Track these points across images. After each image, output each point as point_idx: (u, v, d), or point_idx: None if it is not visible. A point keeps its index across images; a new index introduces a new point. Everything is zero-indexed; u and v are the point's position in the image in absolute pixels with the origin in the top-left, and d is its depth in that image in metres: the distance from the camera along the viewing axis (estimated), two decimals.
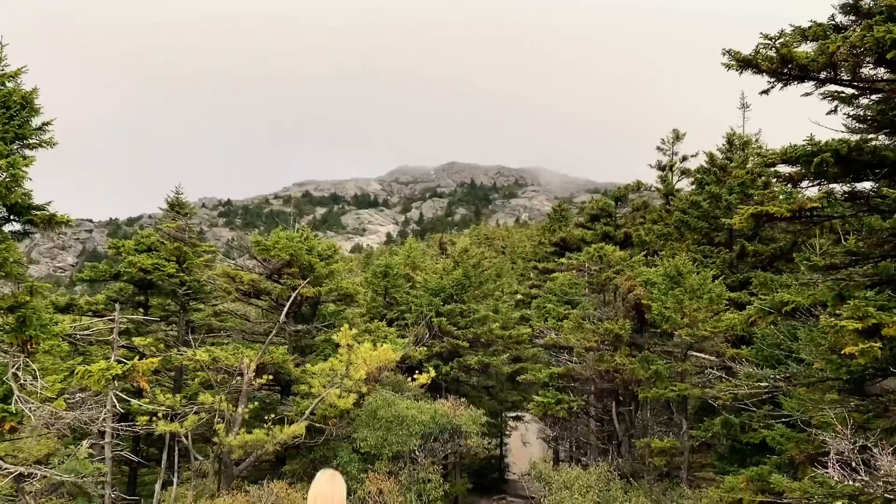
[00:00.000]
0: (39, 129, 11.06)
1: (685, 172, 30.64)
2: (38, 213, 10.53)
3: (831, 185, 9.25)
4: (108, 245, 20.10)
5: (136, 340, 14.77)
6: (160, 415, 12.86)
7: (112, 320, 13.94)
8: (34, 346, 10.08)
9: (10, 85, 10.39)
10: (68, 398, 10.64)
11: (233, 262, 20.82)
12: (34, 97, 10.68)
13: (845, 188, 9.35)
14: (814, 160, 8.35)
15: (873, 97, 9.23)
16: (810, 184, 9.38)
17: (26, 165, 10.21)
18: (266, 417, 13.73)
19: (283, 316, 16.02)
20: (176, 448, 14.59)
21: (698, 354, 15.76)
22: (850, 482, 6.59)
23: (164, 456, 14.14)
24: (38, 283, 11.17)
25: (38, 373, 9.86)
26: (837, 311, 8.08)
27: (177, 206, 20.14)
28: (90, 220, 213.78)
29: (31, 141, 10.85)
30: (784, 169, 9.53)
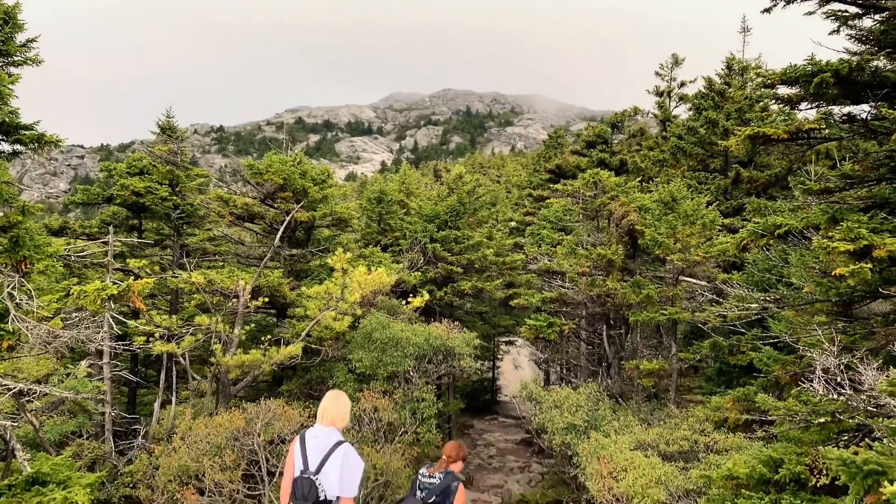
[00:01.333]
0: (24, 45, 10.73)
1: (683, 98, 30.27)
2: (26, 132, 10.33)
3: (830, 108, 9.13)
4: (99, 169, 19.86)
5: (131, 262, 14.78)
6: (157, 335, 13.00)
7: (106, 243, 13.90)
8: (28, 266, 10.09)
9: None
10: (65, 318, 10.73)
11: (226, 186, 20.64)
12: (17, 12, 10.34)
13: (844, 111, 9.25)
14: (813, 80, 8.22)
15: (877, 17, 9.02)
16: (809, 106, 9.26)
17: (12, 83, 9.96)
18: (262, 339, 13.89)
19: (277, 240, 16.01)
20: (174, 369, 14.82)
21: (689, 280, 15.92)
22: (835, 396, 6.75)
23: (162, 376, 14.36)
24: (31, 204, 11.10)
25: (33, 293, 9.91)
26: (830, 234, 8.11)
27: (168, 130, 19.82)
28: (81, 146, 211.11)
29: (15, 58, 10.53)
30: (783, 91, 9.39)
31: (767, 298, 10.76)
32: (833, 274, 8.13)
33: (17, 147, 10.76)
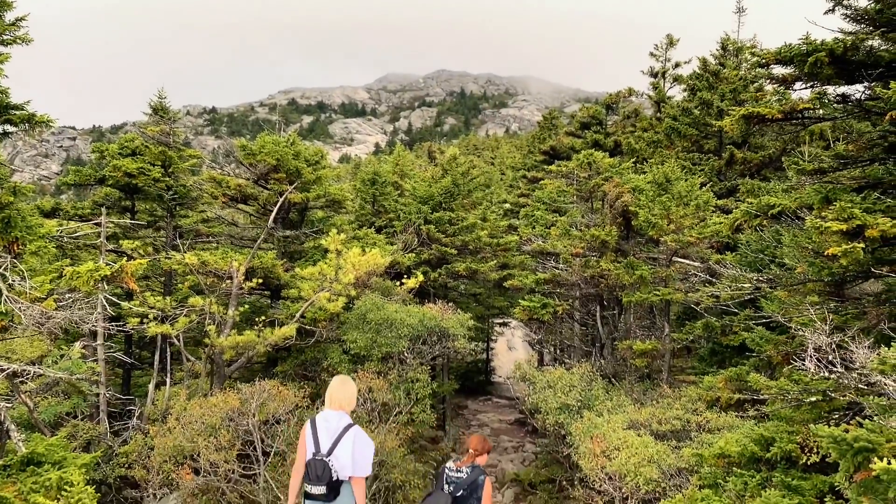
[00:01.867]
0: (13, 24, 10.60)
1: (677, 79, 30.19)
2: (16, 112, 10.23)
3: (824, 88, 9.12)
4: (91, 150, 19.72)
5: (124, 244, 14.72)
6: (151, 317, 12.99)
7: (98, 224, 13.84)
8: (20, 247, 10.04)
9: None
10: (58, 299, 10.69)
11: (219, 168, 20.55)
12: None
13: (838, 91, 9.24)
14: (808, 60, 8.20)
15: None
16: (803, 86, 9.24)
17: (1, 62, 9.86)
18: (257, 320, 13.89)
19: (270, 221, 15.97)
20: (168, 350, 14.82)
21: (683, 261, 15.95)
22: (826, 374, 6.80)
23: (157, 358, 14.36)
24: (22, 185, 11.03)
25: (26, 274, 9.87)
26: (823, 214, 8.13)
27: (160, 111, 19.66)
28: (73, 128, 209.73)
29: (4, 37, 10.41)
30: (778, 70, 9.36)
31: (760, 278, 10.81)
32: (826, 254, 8.16)
33: (8, 127, 10.66)
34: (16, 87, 10.03)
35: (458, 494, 6.50)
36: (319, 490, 5.40)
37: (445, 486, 6.67)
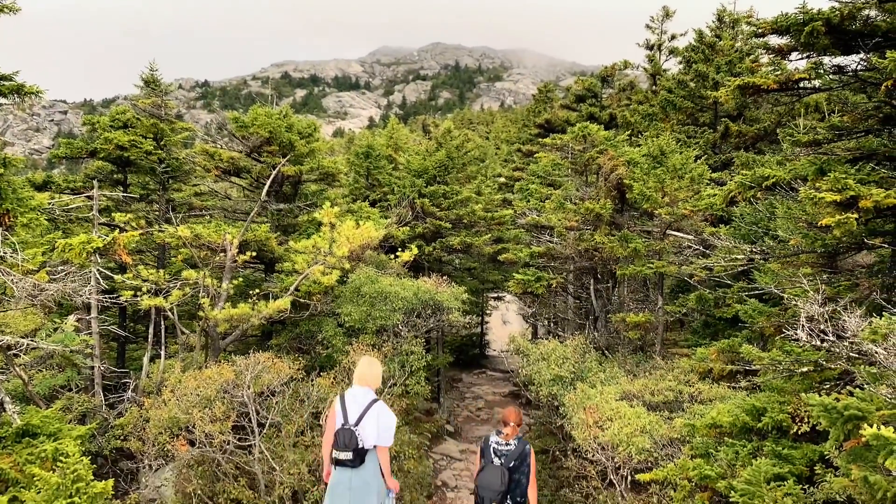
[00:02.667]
0: None
1: (673, 52, 29.95)
2: (5, 83, 10.08)
3: (820, 58, 9.06)
4: (82, 122, 19.52)
5: (116, 216, 14.64)
6: (144, 290, 12.96)
7: (90, 198, 13.75)
8: (12, 219, 9.97)
9: None
10: (51, 272, 10.65)
11: (212, 141, 20.37)
12: None
13: (834, 61, 9.18)
14: (804, 29, 8.13)
15: None
16: (799, 56, 9.18)
17: None
18: (251, 293, 13.88)
19: (263, 194, 15.88)
20: (162, 324, 14.81)
21: (677, 233, 15.96)
22: (818, 343, 6.84)
23: (151, 331, 14.36)
24: (12, 156, 10.92)
25: (17, 246, 9.82)
26: (818, 185, 8.12)
27: (152, 84, 19.45)
28: (64, 102, 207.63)
29: None
30: (774, 40, 9.30)
31: (754, 250, 10.83)
32: (819, 225, 8.17)
33: None
34: (4, 60, 9.89)
35: (511, 465, 7.08)
36: (347, 456, 6.11)
37: (496, 459, 7.18)
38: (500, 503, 6.97)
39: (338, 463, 6.22)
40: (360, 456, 6.20)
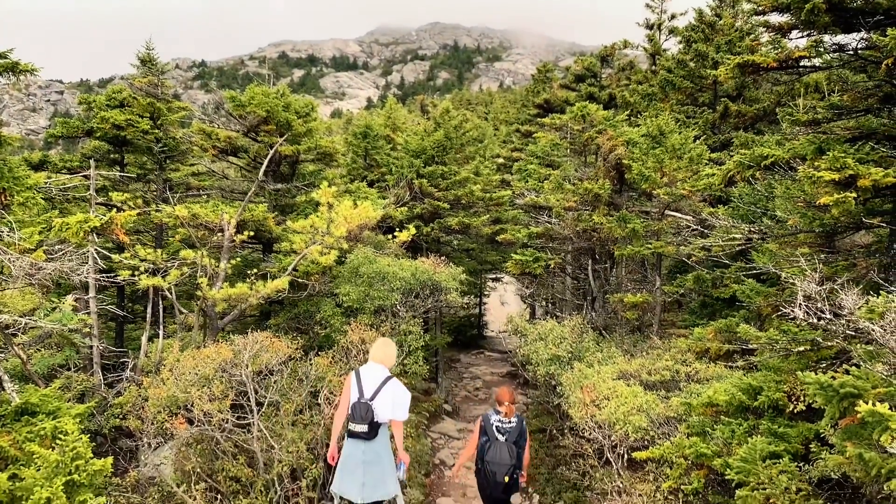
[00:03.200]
0: None
1: (673, 31, 29.79)
2: None
3: (821, 36, 9.00)
4: (78, 100, 19.39)
5: (114, 196, 14.58)
6: (142, 269, 12.95)
7: (87, 177, 13.69)
8: (8, 198, 9.94)
9: None
10: (48, 251, 10.64)
11: (209, 121, 20.26)
12: None
13: (835, 40, 9.12)
14: (805, 6, 8.07)
15: None
16: (800, 34, 9.13)
17: None
18: (249, 273, 13.87)
19: (261, 174, 15.81)
20: (160, 304, 14.81)
21: (675, 214, 15.94)
22: (815, 321, 6.86)
23: (149, 311, 14.36)
24: (8, 135, 10.86)
25: (14, 225, 9.79)
26: (816, 164, 8.10)
27: (148, 63, 19.31)
28: (60, 81, 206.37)
29: None
30: (774, 18, 9.23)
31: (752, 230, 10.83)
32: (817, 205, 8.16)
33: None
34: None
35: (514, 441, 7.80)
36: (362, 428, 6.50)
37: (500, 437, 7.82)
38: (510, 476, 7.67)
39: (352, 435, 6.58)
40: (374, 429, 6.56)
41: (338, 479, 6.79)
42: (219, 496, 9.66)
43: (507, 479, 7.72)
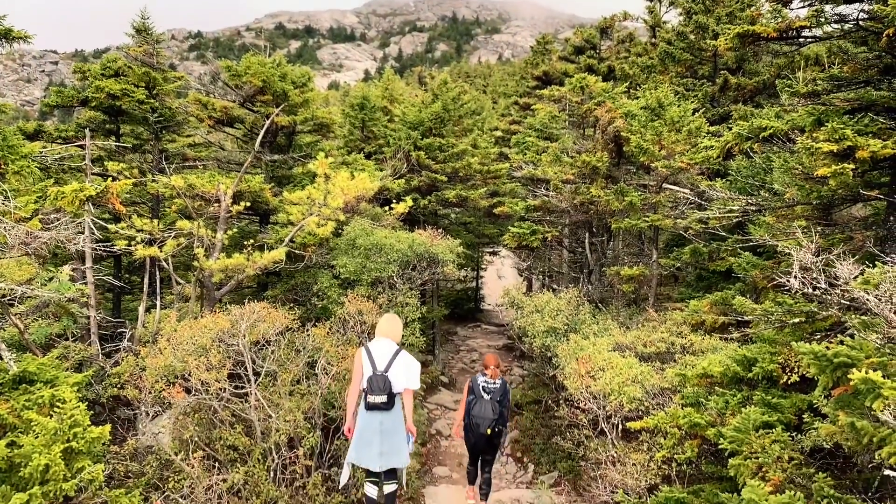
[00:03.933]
0: None
1: (674, 3, 29.47)
2: None
3: (822, 6, 8.91)
4: (73, 69, 19.20)
5: (109, 165, 14.49)
6: (139, 239, 12.92)
7: (83, 147, 13.60)
8: (2, 166, 9.89)
9: None
10: (44, 220, 10.59)
11: (205, 92, 20.07)
12: None
13: (836, 10, 9.03)
14: None
15: None
16: (801, 4, 9.04)
17: None
18: (246, 244, 13.85)
19: (257, 145, 15.73)
20: (157, 274, 14.81)
21: (673, 187, 15.91)
22: (810, 290, 6.88)
23: (146, 282, 14.35)
24: (2, 104, 10.77)
25: (9, 193, 9.74)
26: (815, 136, 8.07)
27: (144, 32, 19.08)
28: (55, 52, 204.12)
29: None
30: None
31: (749, 202, 10.82)
32: (815, 176, 8.14)
33: None
34: None
35: (498, 399, 8.89)
36: (381, 399, 6.81)
37: (485, 395, 8.89)
38: (492, 428, 8.74)
39: (370, 407, 6.87)
40: (391, 399, 6.89)
41: (354, 449, 7.07)
42: (216, 464, 9.75)
43: (489, 431, 8.73)
